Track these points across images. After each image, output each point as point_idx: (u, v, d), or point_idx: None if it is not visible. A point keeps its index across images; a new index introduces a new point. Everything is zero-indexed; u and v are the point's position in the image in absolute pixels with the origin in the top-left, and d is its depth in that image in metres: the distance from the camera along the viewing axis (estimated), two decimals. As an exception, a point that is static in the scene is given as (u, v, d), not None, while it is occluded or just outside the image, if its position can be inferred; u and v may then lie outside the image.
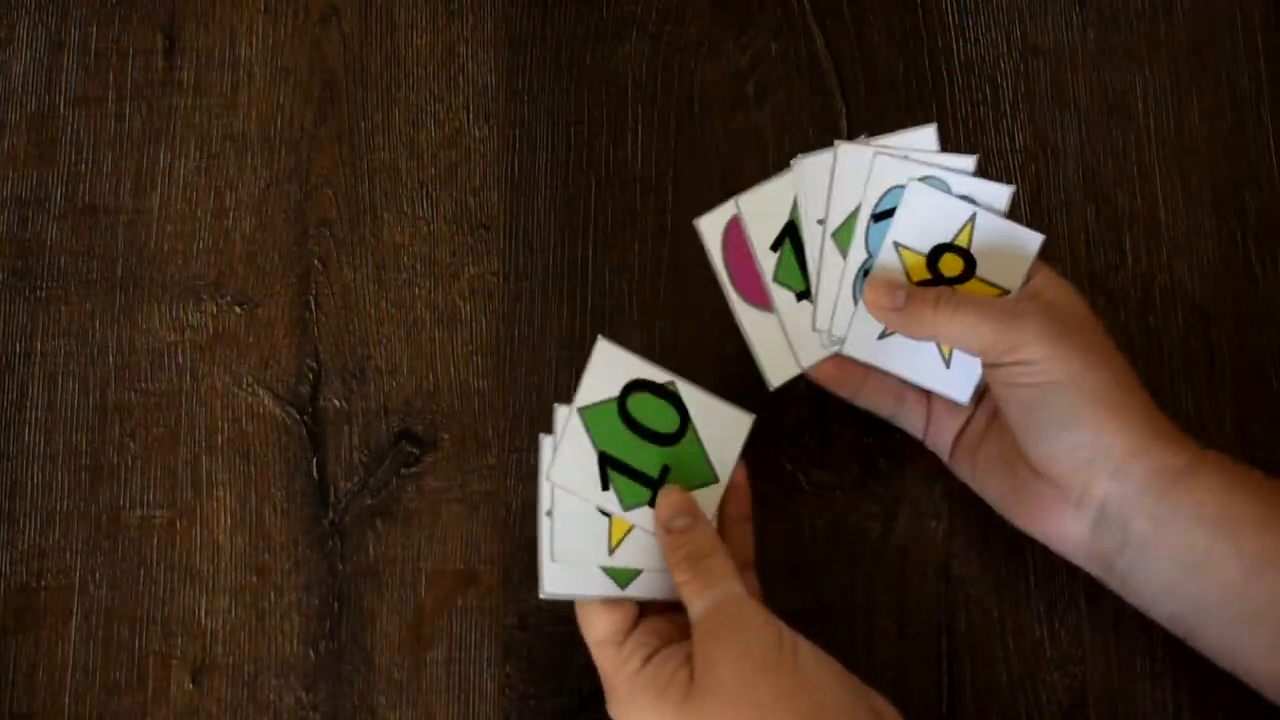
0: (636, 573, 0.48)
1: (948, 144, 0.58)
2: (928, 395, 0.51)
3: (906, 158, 0.49)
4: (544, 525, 0.47)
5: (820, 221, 0.50)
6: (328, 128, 0.59)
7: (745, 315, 0.50)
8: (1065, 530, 0.46)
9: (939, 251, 0.49)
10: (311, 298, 0.57)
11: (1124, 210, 0.56)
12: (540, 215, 0.57)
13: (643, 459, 0.48)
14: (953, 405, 0.50)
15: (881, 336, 0.49)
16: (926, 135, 0.50)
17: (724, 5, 0.59)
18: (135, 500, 0.55)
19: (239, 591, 0.54)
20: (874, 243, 0.49)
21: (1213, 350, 0.55)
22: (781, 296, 0.50)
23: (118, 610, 0.54)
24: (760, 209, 0.50)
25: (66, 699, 0.53)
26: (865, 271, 0.49)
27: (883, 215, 0.49)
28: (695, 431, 0.48)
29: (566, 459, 0.47)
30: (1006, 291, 0.48)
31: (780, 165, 0.57)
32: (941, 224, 0.49)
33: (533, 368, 0.56)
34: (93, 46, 0.60)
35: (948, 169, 0.49)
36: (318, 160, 0.58)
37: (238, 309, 0.57)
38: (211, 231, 0.58)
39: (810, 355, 0.50)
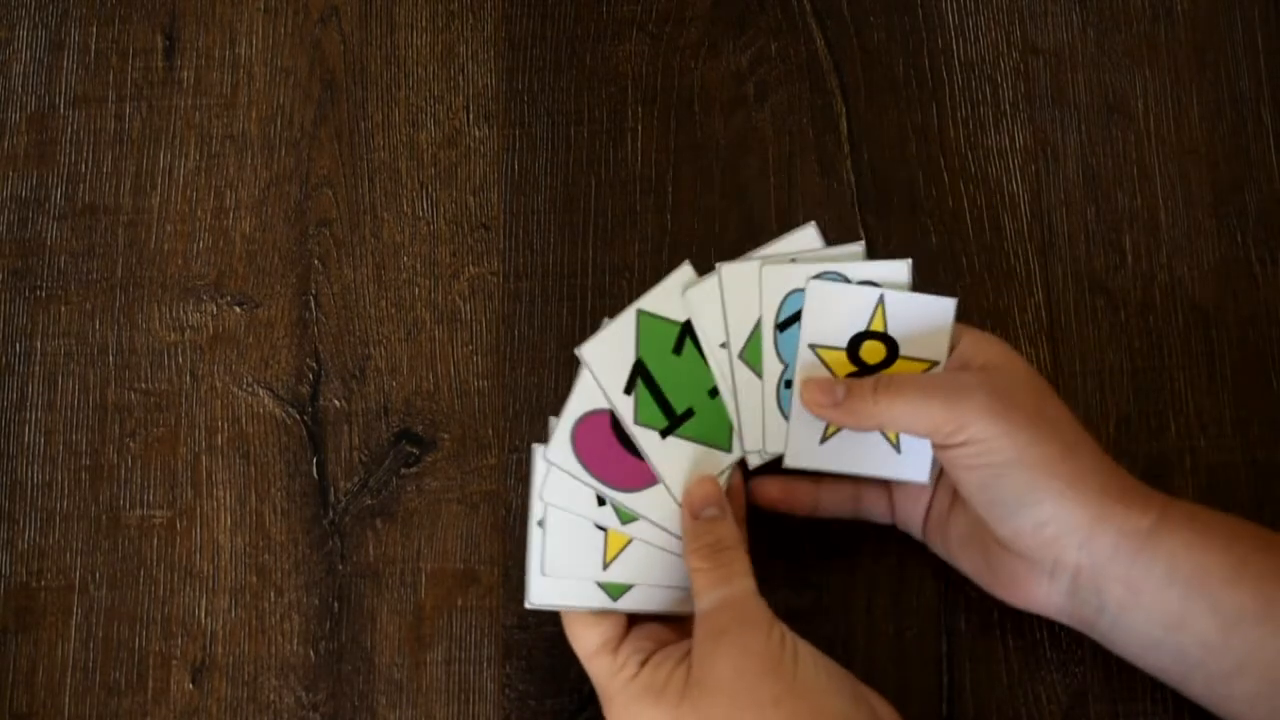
0: (629, 586, 0.47)
1: (946, 146, 0.58)
2: (886, 484, 0.50)
3: (794, 260, 0.49)
4: (534, 535, 0.47)
5: (723, 345, 0.49)
6: (328, 128, 0.59)
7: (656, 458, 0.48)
8: (1043, 600, 0.46)
9: (857, 342, 0.48)
10: (311, 298, 0.57)
11: (1124, 210, 0.56)
12: (540, 215, 0.57)
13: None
14: (912, 488, 0.49)
15: (823, 441, 0.49)
16: (808, 235, 0.50)
17: (724, 5, 0.59)
18: (135, 500, 0.55)
19: (239, 591, 0.54)
20: (786, 352, 0.49)
21: (1213, 350, 0.55)
22: (646, 437, 0.48)
23: (118, 610, 0.54)
24: (604, 355, 0.48)
25: (66, 699, 0.53)
26: (786, 383, 0.49)
27: (787, 323, 0.49)
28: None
29: (560, 476, 0.47)
30: (935, 363, 0.48)
31: (780, 165, 0.57)
32: (851, 314, 0.48)
33: (533, 368, 0.56)
34: (93, 46, 0.60)
35: (837, 259, 0.49)
36: (318, 160, 0.58)
37: (238, 309, 0.57)
38: (211, 231, 0.58)
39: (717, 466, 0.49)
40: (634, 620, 0.48)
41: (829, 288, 0.48)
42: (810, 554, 0.53)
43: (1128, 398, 0.54)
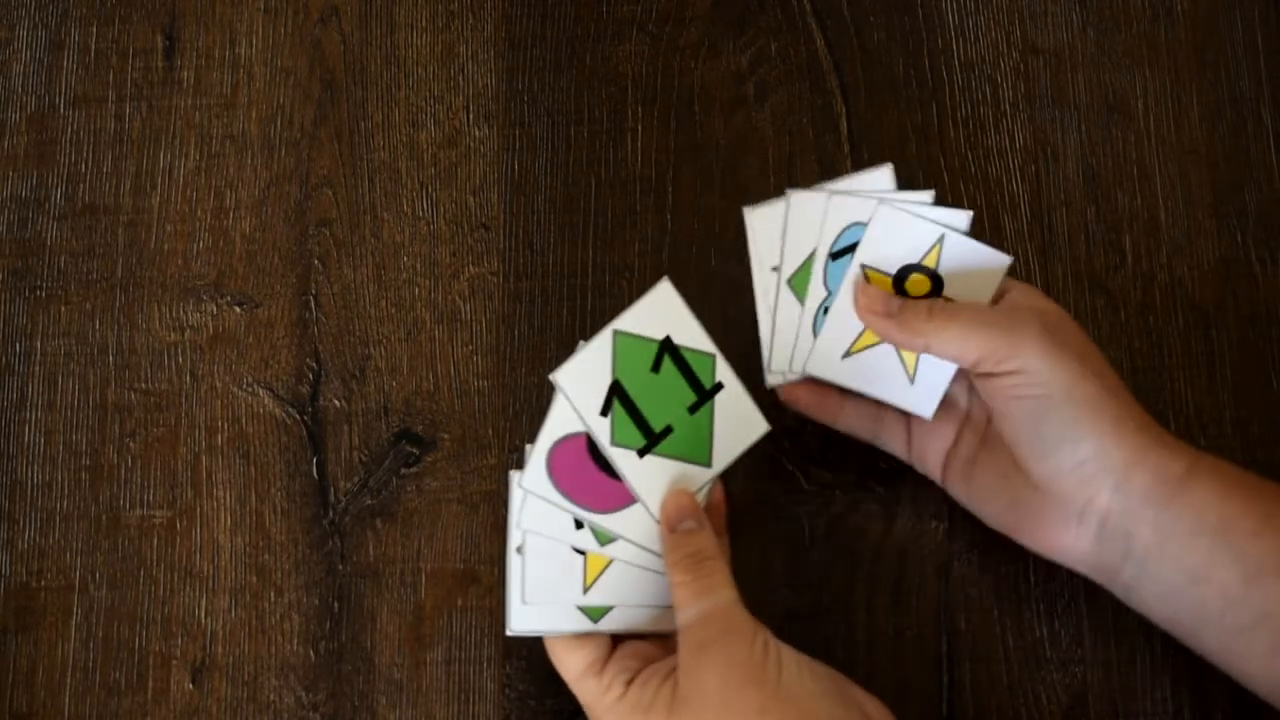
0: (609, 608, 0.47)
1: (946, 146, 0.58)
2: (906, 418, 0.51)
3: (860, 196, 0.49)
4: (513, 561, 0.47)
5: (775, 269, 0.49)
6: (328, 128, 0.59)
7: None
8: (1069, 545, 0.46)
9: (905, 273, 0.49)
10: (311, 298, 0.57)
11: (1124, 210, 0.56)
12: (540, 215, 0.57)
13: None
14: (932, 426, 0.50)
15: (845, 355, 0.49)
16: (884, 175, 0.50)
17: (724, 5, 0.59)
18: (135, 500, 0.55)
19: (239, 591, 0.54)
20: (833, 281, 0.49)
21: (1213, 350, 0.55)
22: (625, 458, 0.47)
23: (118, 610, 0.54)
24: (580, 379, 0.47)
25: (66, 699, 0.53)
26: (825, 309, 0.49)
27: (840, 253, 0.49)
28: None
29: (536, 502, 0.47)
30: None
31: (780, 165, 0.57)
32: (909, 245, 0.48)
33: (533, 368, 0.56)
34: (93, 46, 0.60)
35: (905, 201, 0.49)
36: (318, 160, 0.58)
37: (238, 309, 0.57)
38: (211, 231, 0.58)
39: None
40: (618, 639, 0.48)
41: (896, 214, 0.49)
42: (810, 554, 0.53)
43: (1128, 398, 0.54)
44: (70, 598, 0.54)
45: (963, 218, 0.49)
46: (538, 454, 0.47)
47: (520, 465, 0.48)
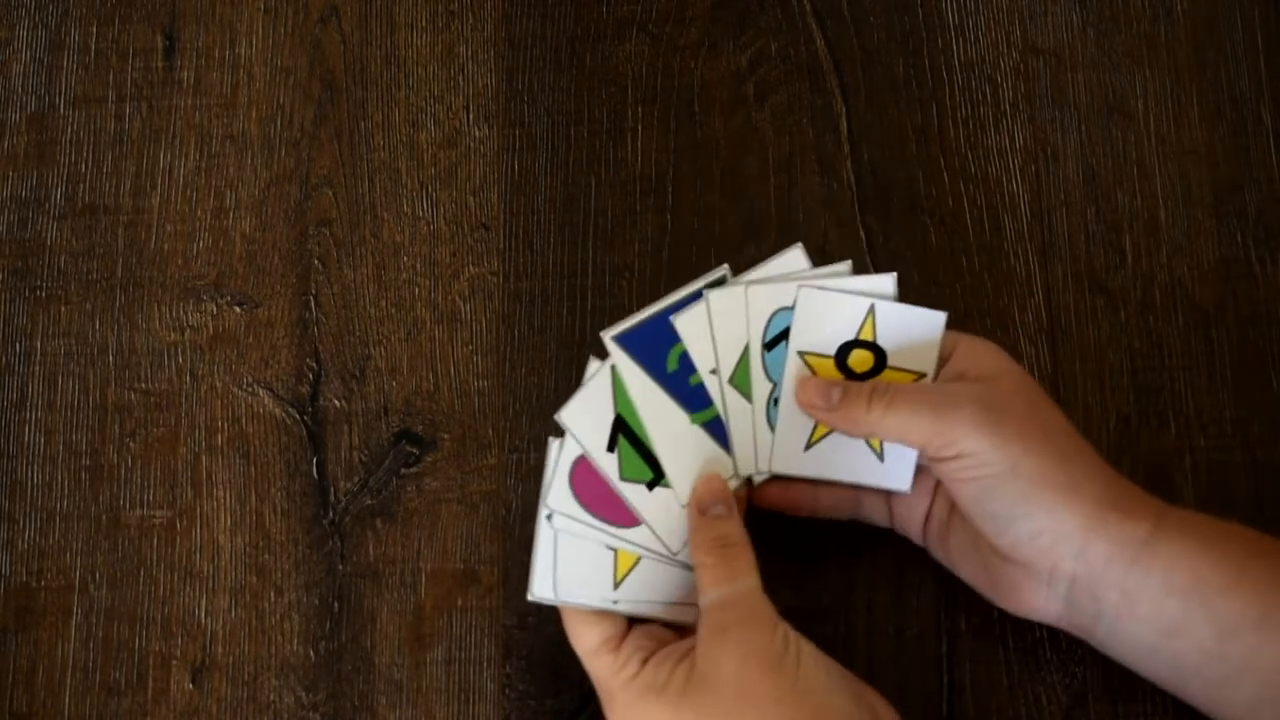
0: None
1: (946, 146, 0.58)
2: (884, 491, 0.50)
3: (778, 282, 0.49)
4: (542, 528, 0.48)
5: (713, 372, 0.49)
6: (328, 128, 0.59)
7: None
8: (1041, 607, 0.46)
9: (846, 350, 0.48)
10: (311, 298, 0.57)
11: (1124, 210, 0.56)
12: (540, 215, 0.57)
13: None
14: (909, 497, 0.49)
15: (808, 447, 0.49)
16: (795, 256, 0.50)
17: (724, 5, 0.59)
18: (135, 500, 0.55)
19: (239, 591, 0.54)
20: (774, 372, 0.49)
21: (1213, 350, 0.55)
22: (633, 492, 0.48)
23: (118, 610, 0.54)
24: (584, 416, 0.48)
25: (66, 699, 0.53)
26: (775, 400, 0.49)
27: (774, 342, 0.49)
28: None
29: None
30: (923, 375, 0.48)
31: (780, 165, 0.57)
32: (841, 323, 0.48)
33: (533, 368, 0.56)
34: (93, 46, 0.60)
35: (824, 277, 0.49)
36: (318, 160, 0.58)
37: (238, 309, 0.57)
38: (211, 231, 0.58)
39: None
40: (634, 619, 0.48)
41: (820, 295, 0.48)
42: (810, 554, 0.53)
43: (1128, 398, 0.54)
44: (70, 598, 0.54)
45: (888, 282, 0.48)
46: (560, 475, 0.48)
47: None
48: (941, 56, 0.58)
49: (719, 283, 0.49)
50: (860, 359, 0.48)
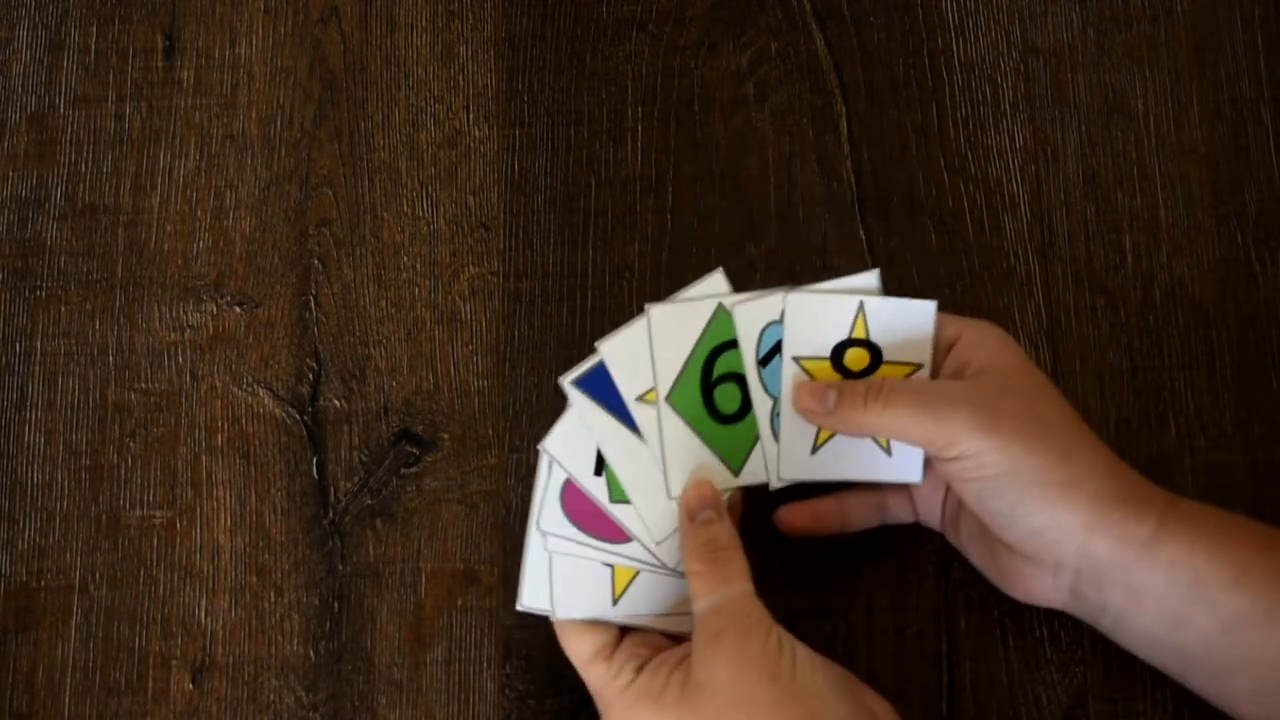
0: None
1: (946, 146, 0.58)
2: (907, 487, 0.50)
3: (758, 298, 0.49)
4: (532, 537, 0.48)
5: (643, 397, 0.48)
6: (328, 128, 0.59)
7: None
8: (1047, 597, 0.46)
9: (840, 350, 0.48)
10: (311, 298, 0.57)
11: (1124, 210, 0.56)
12: (540, 215, 0.57)
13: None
14: (927, 486, 0.49)
15: (814, 451, 0.48)
16: (716, 281, 0.49)
17: (724, 5, 0.59)
18: (135, 500, 0.55)
19: (239, 591, 0.54)
20: (772, 386, 0.48)
21: (1213, 350, 0.55)
22: (625, 512, 0.48)
23: (118, 610, 0.54)
24: (568, 444, 0.48)
25: (66, 699, 0.53)
26: (777, 415, 0.48)
27: (767, 358, 0.49)
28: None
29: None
30: (919, 366, 0.48)
31: (780, 165, 0.57)
32: (832, 323, 0.48)
33: (533, 368, 0.56)
34: (93, 46, 0.60)
35: (806, 291, 0.49)
36: (318, 160, 0.58)
37: (238, 309, 0.57)
38: (211, 231, 0.58)
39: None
40: (627, 627, 0.48)
41: (808, 299, 0.48)
42: (810, 554, 0.53)
43: (1128, 398, 0.54)
44: (70, 598, 0.54)
45: (872, 278, 0.48)
46: (551, 498, 0.48)
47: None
48: (941, 56, 0.58)
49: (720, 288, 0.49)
50: (856, 357, 0.48)
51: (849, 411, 0.46)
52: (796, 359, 0.48)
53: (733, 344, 0.48)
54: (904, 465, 0.48)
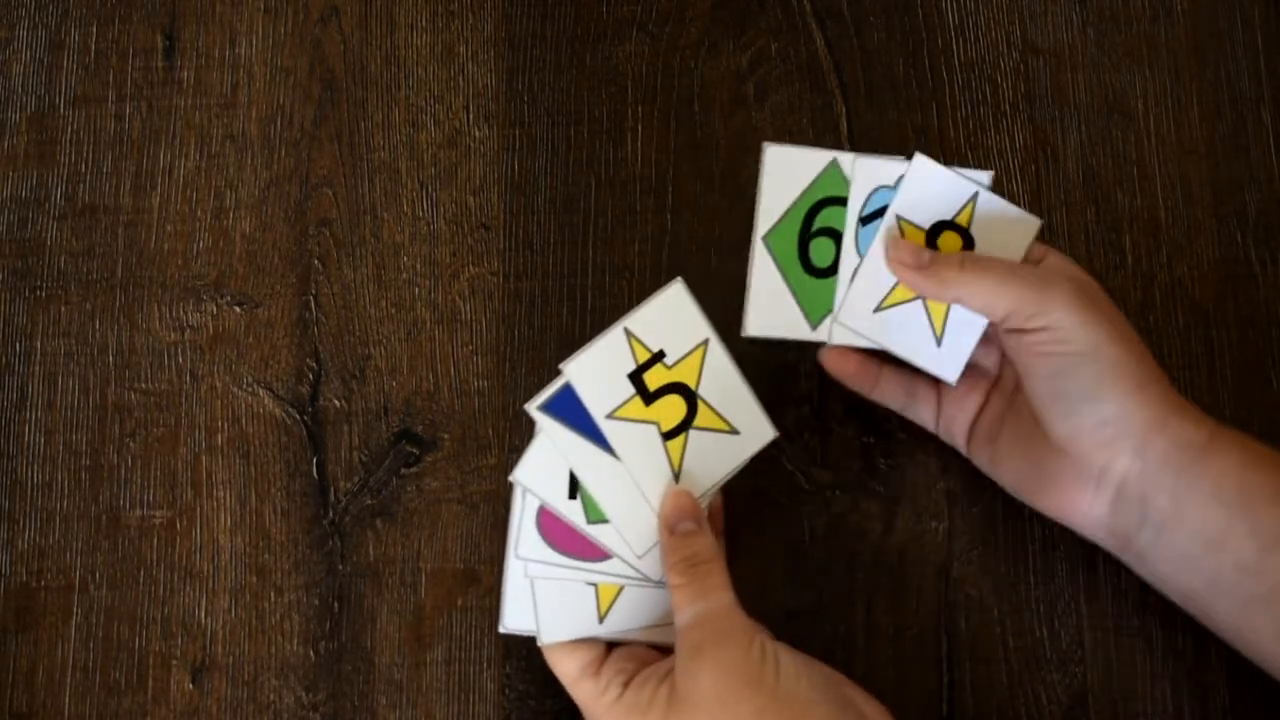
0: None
1: (946, 146, 0.58)
2: (937, 387, 0.51)
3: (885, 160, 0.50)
4: (510, 564, 0.48)
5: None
6: (328, 128, 0.59)
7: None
8: (1085, 508, 0.46)
9: (938, 229, 0.49)
10: (311, 298, 0.57)
11: (1124, 210, 0.56)
12: (540, 215, 0.57)
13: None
14: (961, 394, 0.50)
15: (877, 309, 0.49)
16: (675, 292, 0.49)
17: (724, 5, 0.59)
18: (135, 500, 0.55)
19: (239, 591, 0.54)
20: (864, 245, 0.49)
21: (1213, 350, 0.55)
22: (603, 532, 0.48)
23: (118, 610, 0.54)
24: (539, 471, 0.48)
25: (66, 699, 0.53)
26: (857, 270, 0.49)
27: (870, 218, 0.49)
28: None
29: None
30: None
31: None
32: (943, 200, 0.49)
33: (532, 368, 0.56)
34: (93, 46, 0.60)
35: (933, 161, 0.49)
36: (318, 160, 0.58)
37: (238, 309, 0.57)
38: (211, 231, 0.58)
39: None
40: (613, 641, 0.48)
41: (933, 167, 0.49)
42: (810, 554, 0.53)
43: (1128, 398, 0.54)
44: (70, 598, 0.54)
45: (985, 177, 0.49)
46: (527, 526, 0.48)
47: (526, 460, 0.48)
48: (941, 56, 0.58)
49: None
50: (950, 241, 0.49)
51: (943, 269, 0.46)
52: (900, 218, 0.49)
53: (837, 200, 0.49)
54: (947, 361, 0.49)
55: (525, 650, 0.53)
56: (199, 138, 0.59)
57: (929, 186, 0.49)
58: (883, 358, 0.50)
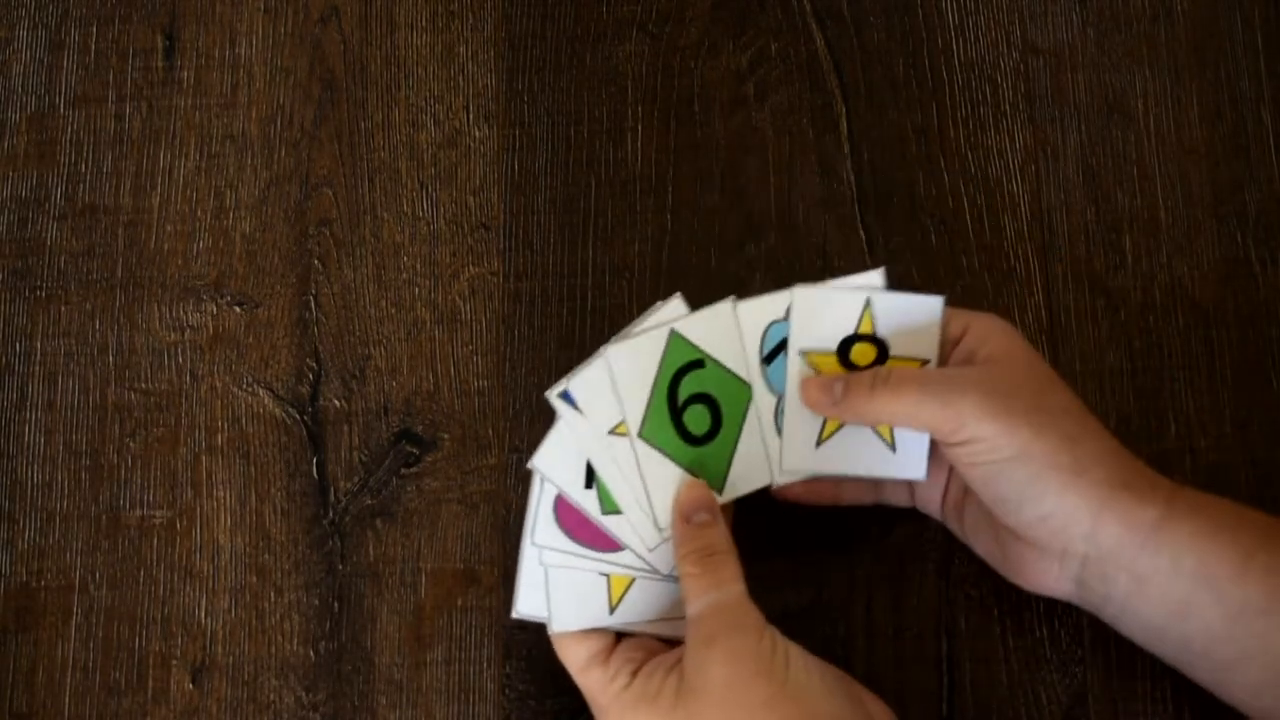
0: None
1: (946, 146, 0.58)
2: None
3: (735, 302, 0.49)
4: (526, 548, 0.48)
5: (613, 431, 0.48)
6: (328, 128, 0.59)
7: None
8: (1052, 585, 0.46)
9: (847, 345, 0.48)
10: (311, 298, 0.57)
11: (1124, 210, 0.56)
12: (540, 215, 0.57)
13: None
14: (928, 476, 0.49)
15: (819, 444, 0.48)
16: (675, 306, 0.49)
17: (724, 5, 0.59)
18: (135, 500, 0.55)
19: (239, 591, 0.54)
20: (777, 384, 0.48)
21: (1213, 350, 0.55)
22: (617, 524, 0.48)
23: (118, 610, 0.54)
24: (556, 460, 0.48)
25: (66, 699, 0.53)
26: (780, 412, 0.48)
27: (771, 355, 0.49)
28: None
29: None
30: (927, 361, 0.48)
31: (780, 165, 0.57)
32: (839, 320, 0.48)
33: (533, 368, 0.56)
34: (93, 46, 0.60)
35: (812, 286, 0.49)
36: (318, 160, 0.58)
37: (238, 309, 0.57)
38: (211, 231, 0.58)
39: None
40: (621, 632, 0.48)
41: (815, 293, 0.48)
42: (810, 553, 0.53)
43: (1128, 398, 0.54)
44: (70, 598, 0.54)
45: (876, 276, 0.48)
46: (544, 512, 0.48)
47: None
48: (941, 56, 0.58)
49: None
50: (862, 352, 0.48)
51: (856, 399, 0.46)
52: (803, 353, 0.48)
53: (695, 364, 0.48)
54: (908, 462, 0.48)
55: (525, 650, 0.53)
56: (199, 138, 0.59)
57: (819, 312, 0.48)
58: None
